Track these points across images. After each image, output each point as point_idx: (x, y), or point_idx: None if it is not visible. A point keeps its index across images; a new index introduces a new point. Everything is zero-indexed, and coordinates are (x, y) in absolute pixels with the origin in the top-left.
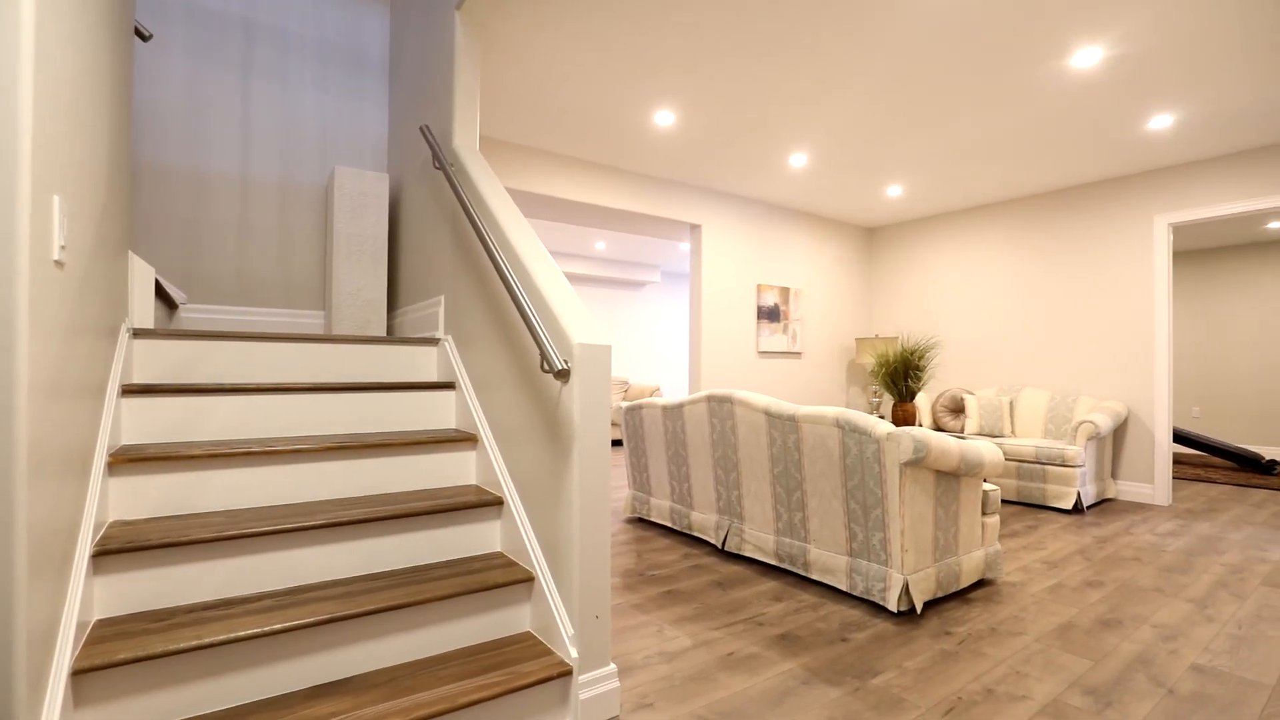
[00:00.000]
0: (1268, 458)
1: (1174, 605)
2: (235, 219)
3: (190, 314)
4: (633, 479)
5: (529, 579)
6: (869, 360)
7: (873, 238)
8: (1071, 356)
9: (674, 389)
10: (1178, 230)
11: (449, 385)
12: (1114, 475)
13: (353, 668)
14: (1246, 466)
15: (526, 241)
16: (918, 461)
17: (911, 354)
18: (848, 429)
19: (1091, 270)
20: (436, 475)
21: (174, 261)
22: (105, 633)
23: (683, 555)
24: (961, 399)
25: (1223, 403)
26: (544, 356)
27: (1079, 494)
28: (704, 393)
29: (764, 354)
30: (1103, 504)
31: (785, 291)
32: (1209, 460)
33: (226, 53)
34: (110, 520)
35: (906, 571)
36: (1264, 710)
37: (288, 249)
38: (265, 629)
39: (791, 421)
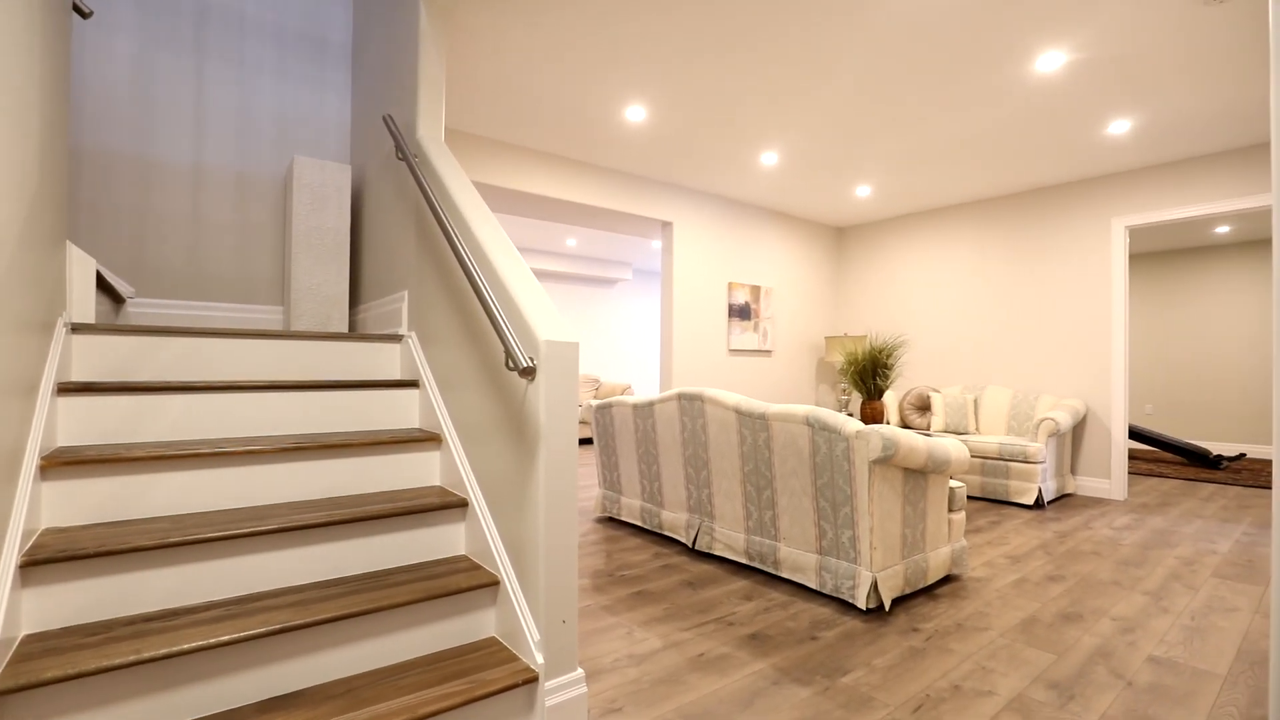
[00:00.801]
0: (1215, 453)
1: (1131, 598)
2: (188, 209)
3: (139, 308)
4: (603, 478)
5: (494, 583)
6: (838, 358)
7: (842, 237)
8: (1033, 355)
9: (645, 387)
10: (1134, 233)
11: (412, 383)
12: (1073, 471)
13: (308, 679)
14: (1195, 461)
15: (492, 235)
16: (887, 460)
17: (880, 352)
18: (818, 427)
19: (1052, 271)
20: (399, 476)
21: (121, 253)
22: (32, 649)
23: (653, 555)
24: (928, 397)
25: (1173, 401)
26: (509, 354)
27: (1040, 490)
28: (675, 391)
29: (735, 352)
30: (1063, 499)
31: (756, 290)
32: (1161, 456)
33: (178, 34)
34: (42, 528)
35: (875, 569)
36: (1217, 699)
37: (244, 241)
38: (211, 641)
39: (762, 420)
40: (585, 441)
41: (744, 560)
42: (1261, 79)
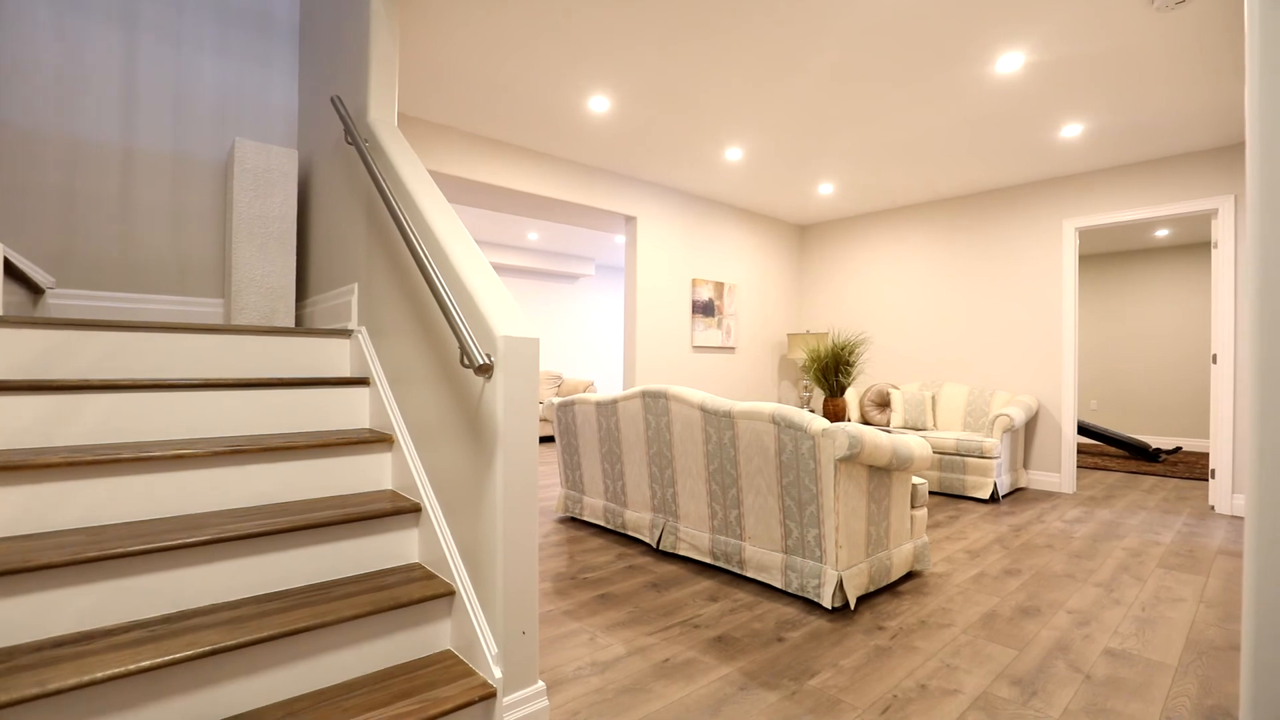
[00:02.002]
0: (1155, 446)
1: (1084, 590)
2: (117, 193)
3: (63, 300)
4: (565, 477)
5: (449, 593)
6: (801, 355)
7: (804, 235)
8: (989, 353)
9: (608, 384)
10: (1083, 234)
11: (362, 381)
12: (1025, 465)
13: (244, 703)
14: (1137, 455)
15: (447, 225)
16: (852, 458)
17: (842, 349)
18: (783, 425)
19: (1007, 271)
20: (348, 480)
21: (42, 240)
22: None
23: (617, 555)
24: (887, 393)
25: (1117, 396)
26: (464, 351)
27: (995, 484)
28: (639, 388)
29: (698, 349)
30: (1016, 493)
31: (720, 286)
32: (1105, 449)
33: (106, 4)
34: None
35: (840, 568)
36: (1171, 689)
37: (181, 229)
38: (130, 667)
39: (727, 418)
40: (546, 440)
41: (709, 560)
42: (1206, 86)
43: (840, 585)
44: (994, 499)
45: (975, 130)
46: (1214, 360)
